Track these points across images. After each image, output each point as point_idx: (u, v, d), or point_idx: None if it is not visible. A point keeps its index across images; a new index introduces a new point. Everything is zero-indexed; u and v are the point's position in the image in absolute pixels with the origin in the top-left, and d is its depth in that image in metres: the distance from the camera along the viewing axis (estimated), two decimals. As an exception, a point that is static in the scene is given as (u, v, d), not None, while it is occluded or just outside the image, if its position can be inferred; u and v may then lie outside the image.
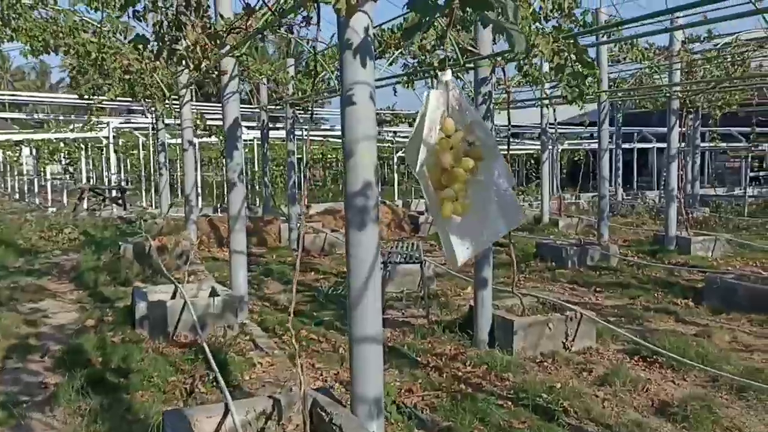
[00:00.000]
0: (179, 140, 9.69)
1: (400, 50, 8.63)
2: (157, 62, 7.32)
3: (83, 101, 13.38)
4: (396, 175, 20.06)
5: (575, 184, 19.42)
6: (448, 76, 1.94)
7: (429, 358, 4.98)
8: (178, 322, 5.43)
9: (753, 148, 18.21)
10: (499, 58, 5.22)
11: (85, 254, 8.94)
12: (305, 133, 15.82)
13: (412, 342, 5.38)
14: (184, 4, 4.61)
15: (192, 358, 4.73)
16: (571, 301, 6.78)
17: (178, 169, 19.04)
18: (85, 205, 15.35)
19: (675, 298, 7.13)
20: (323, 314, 6.38)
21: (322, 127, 26.20)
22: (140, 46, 5.09)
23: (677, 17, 8.14)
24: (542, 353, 5.07)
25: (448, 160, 1.87)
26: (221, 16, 4.76)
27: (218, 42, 4.92)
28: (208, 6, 4.35)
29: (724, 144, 21.46)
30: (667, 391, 4.32)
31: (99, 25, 7.66)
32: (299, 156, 15.30)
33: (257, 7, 4.21)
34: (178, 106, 8.88)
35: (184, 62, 4.94)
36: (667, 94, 9.92)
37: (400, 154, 19.88)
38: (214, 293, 5.90)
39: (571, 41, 4.30)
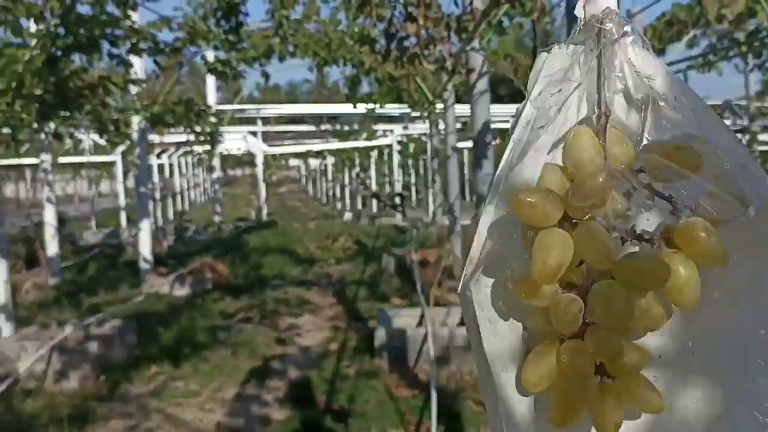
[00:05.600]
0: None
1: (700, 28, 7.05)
2: (414, 68, 6.78)
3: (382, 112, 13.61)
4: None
5: None
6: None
7: None
8: (419, 354, 4.83)
9: None
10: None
11: (353, 265, 8.89)
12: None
13: None
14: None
15: (421, 405, 4.07)
16: None
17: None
18: (372, 211, 15.83)
19: None
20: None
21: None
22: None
23: None
24: None
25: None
26: (456, 3, 4.02)
27: (463, 36, 4.23)
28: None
29: None
30: None
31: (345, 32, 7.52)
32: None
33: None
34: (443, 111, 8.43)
35: (416, 61, 4.35)
36: None
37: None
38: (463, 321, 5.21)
39: None
